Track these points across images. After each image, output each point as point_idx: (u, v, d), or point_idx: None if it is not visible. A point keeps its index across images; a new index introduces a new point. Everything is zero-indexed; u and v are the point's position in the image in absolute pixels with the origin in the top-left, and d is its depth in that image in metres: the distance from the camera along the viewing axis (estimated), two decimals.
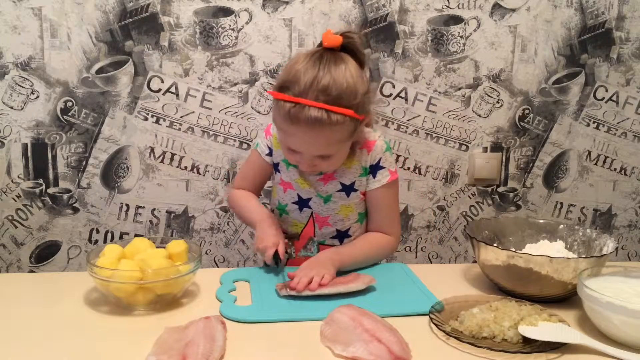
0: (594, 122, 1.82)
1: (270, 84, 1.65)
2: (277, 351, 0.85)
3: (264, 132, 1.26)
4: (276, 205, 1.26)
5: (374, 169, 1.19)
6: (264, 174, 1.29)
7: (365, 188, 1.20)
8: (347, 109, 1.03)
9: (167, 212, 1.71)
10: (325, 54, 1.06)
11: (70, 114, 1.61)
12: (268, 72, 1.65)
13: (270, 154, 1.24)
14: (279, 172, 1.24)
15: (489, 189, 1.83)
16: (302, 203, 1.22)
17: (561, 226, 1.17)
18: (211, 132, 1.67)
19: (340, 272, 1.09)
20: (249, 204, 1.26)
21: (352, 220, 1.23)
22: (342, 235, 1.23)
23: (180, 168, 1.68)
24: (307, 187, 1.20)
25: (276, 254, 1.09)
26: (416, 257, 1.85)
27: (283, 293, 1.00)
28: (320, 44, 1.09)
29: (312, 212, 1.21)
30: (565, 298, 1.01)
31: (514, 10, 1.70)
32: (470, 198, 1.83)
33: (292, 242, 1.25)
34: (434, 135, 1.76)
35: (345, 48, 1.09)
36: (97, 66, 1.59)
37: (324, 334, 0.86)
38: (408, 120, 1.73)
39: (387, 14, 1.65)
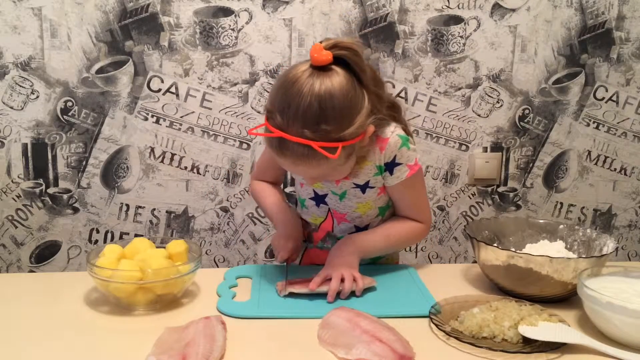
0: (594, 122, 1.82)
1: (271, 84, 1.65)
2: (278, 352, 0.84)
3: None
4: (298, 196, 1.26)
5: (390, 166, 1.10)
6: (279, 167, 1.21)
7: (383, 184, 1.14)
8: (335, 142, 0.94)
9: (167, 212, 1.71)
10: (314, 74, 0.95)
11: (70, 114, 1.61)
12: (268, 72, 1.65)
13: None
14: None
15: (489, 189, 1.83)
16: (319, 199, 1.19)
17: (561, 226, 1.17)
18: (211, 132, 1.67)
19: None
20: (271, 200, 1.24)
21: (372, 216, 1.18)
22: (361, 231, 1.20)
23: (180, 168, 1.68)
24: (319, 187, 1.17)
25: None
26: (416, 257, 1.85)
27: (283, 294, 1.00)
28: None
29: (329, 208, 1.19)
30: (565, 298, 1.01)
31: (514, 10, 1.70)
32: (470, 198, 1.83)
33: (311, 236, 1.25)
34: (434, 135, 1.76)
35: (339, 61, 0.98)
36: (97, 66, 1.59)
37: (322, 339, 0.86)
38: (408, 120, 1.72)
39: (387, 14, 1.65)
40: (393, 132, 1.09)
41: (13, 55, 1.56)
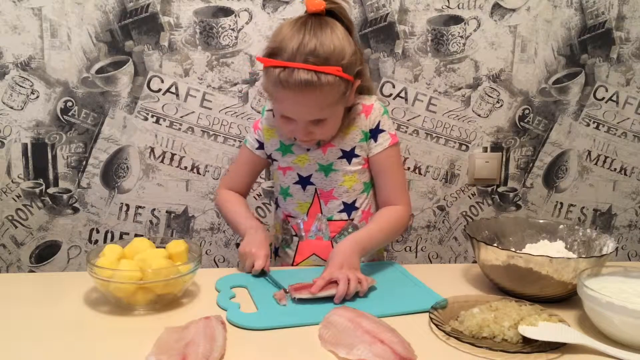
0: (594, 122, 1.83)
1: None
2: (279, 352, 0.84)
3: (252, 127, 1.28)
4: (278, 190, 1.27)
5: (374, 132, 1.19)
6: (255, 169, 1.30)
7: (367, 154, 1.20)
8: (335, 68, 1.05)
9: (167, 212, 1.71)
10: (310, 19, 1.08)
11: (70, 114, 1.61)
12: None
13: (261, 147, 1.26)
14: (276, 160, 1.25)
15: (489, 189, 1.83)
16: (304, 181, 1.22)
17: (561, 226, 1.17)
18: (211, 132, 1.67)
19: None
20: (239, 209, 1.26)
21: (358, 191, 1.22)
22: (349, 208, 1.23)
23: (180, 168, 1.68)
24: (306, 163, 1.21)
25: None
26: (416, 257, 1.85)
27: (285, 301, 0.99)
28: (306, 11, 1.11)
29: (315, 189, 1.22)
30: (565, 298, 1.01)
31: (514, 10, 1.70)
32: (470, 198, 1.83)
33: (301, 229, 1.25)
34: (434, 135, 1.76)
35: (330, 13, 1.11)
36: (97, 66, 1.59)
37: (324, 338, 0.86)
38: (408, 120, 1.73)
39: (387, 14, 1.65)
40: (376, 100, 1.21)
41: (13, 55, 1.56)
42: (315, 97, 1.05)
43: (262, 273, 1.09)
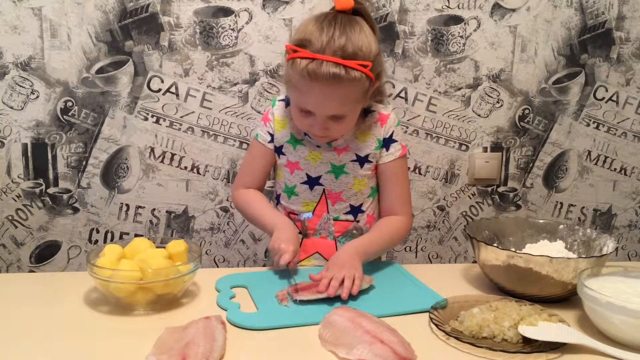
0: (594, 122, 1.82)
1: (271, 83, 1.65)
2: (279, 352, 0.85)
3: (262, 121, 1.26)
4: (282, 188, 1.26)
5: (387, 142, 1.21)
6: (269, 163, 1.28)
7: (377, 161, 1.22)
8: (362, 67, 1.06)
9: (167, 212, 1.71)
10: (339, 15, 1.10)
11: (70, 114, 1.61)
12: (268, 72, 1.65)
13: (272, 140, 1.25)
14: (284, 154, 1.24)
15: (489, 189, 1.83)
16: (313, 182, 1.22)
17: (561, 226, 1.17)
18: (211, 132, 1.67)
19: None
20: (262, 205, 1.23)
21: (365, 195, 1.24)
22: (355, 211, 1.24)
23: (180, 168, 1.68)
24: (318, 161, 1.20)
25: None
26: (416, 257, 1.85)
27: (286, 302, 0.99)
28: (333, 8, 1.13)
29: (324, 189, 1.22)
30: (565, 298, 1.02)
31: (514, 10, 1.70)
32: (470, 198, 1.83)
33: (305, 227, 1.25)
34: (434, 135, 1.76)
35: (356, 13, 1.13)
36: (97, 66, 1.59)
37: (324, 338, 0.86)
38: (408, 120, 1.73)
39: (387, 14, 1.65)
40: (392, 110, 1.24)
41: (13, 55, 1.56)
42: (340, 92, 1.07)
43: (289, 268, 1.09)
